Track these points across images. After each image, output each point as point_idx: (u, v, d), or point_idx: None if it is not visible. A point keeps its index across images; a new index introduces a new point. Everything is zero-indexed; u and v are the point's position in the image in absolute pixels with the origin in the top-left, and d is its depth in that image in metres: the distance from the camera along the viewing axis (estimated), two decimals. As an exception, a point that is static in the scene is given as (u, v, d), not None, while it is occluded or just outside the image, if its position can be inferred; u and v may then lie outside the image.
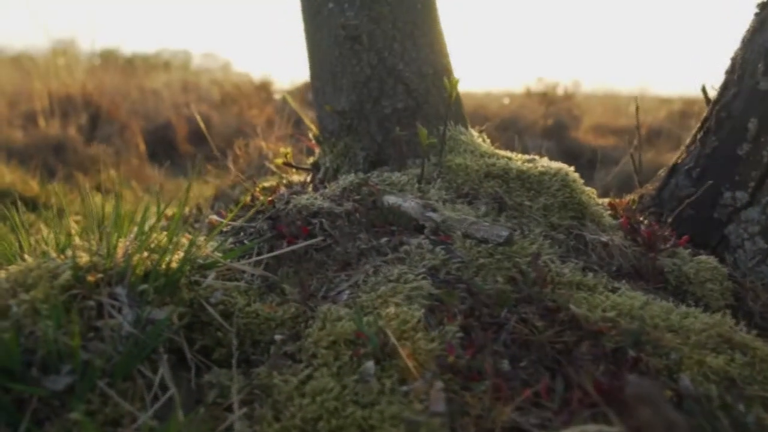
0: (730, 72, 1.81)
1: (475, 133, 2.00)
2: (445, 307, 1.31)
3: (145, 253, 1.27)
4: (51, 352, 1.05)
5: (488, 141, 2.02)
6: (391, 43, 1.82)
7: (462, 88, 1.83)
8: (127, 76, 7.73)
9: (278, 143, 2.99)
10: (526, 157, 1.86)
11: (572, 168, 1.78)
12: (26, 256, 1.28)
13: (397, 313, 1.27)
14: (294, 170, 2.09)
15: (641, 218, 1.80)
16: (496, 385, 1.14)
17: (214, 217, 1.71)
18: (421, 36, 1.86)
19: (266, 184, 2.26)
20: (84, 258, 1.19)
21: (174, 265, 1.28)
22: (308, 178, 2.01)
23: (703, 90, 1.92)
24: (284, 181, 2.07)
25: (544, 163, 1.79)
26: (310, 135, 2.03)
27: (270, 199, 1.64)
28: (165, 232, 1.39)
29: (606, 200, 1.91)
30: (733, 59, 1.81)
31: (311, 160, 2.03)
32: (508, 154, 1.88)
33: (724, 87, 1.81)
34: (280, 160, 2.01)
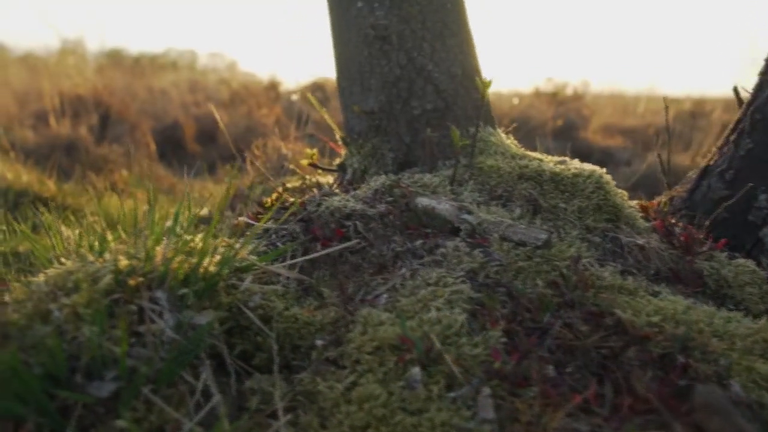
0: (764, 73, 1.79)
1: (502, 135, 1.97)
2: (486, 312, 1.29)
3: (182, 256, 1.25)
4: (95, 358, 1.03)
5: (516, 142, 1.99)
6: (421, 43, 1.80)
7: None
8: (134, 76, 7.72)
9: (296, 143, 2.97)
10: (557, 158, 1.84)
11: (604, 170, 1.75)
12: (62, 259, 1.26)
13: (439, 318, 1.25)
14: (319, 171, 2.07)
15: (673, 221, 1.77)
16: (544, 391, 1.12)
17: (243, 219, 1.69)
18: (451, 36, 1.84)
19: (289, 185, 2.24)
20: (123, 261, 1.17)
21: (212, 268, 1.26)
22: (335, 180, 1.99)
23: (735, 91, 1.90)
24: (311, 182, 2.05)
25: (576, 164, 1.77)
26: (337, 136, 2.01)
27: (301, 200, 1.62)
28: (199, 235, 1.37)
29: (634, 202, 1.89)
30: (768, 60, 1.79)
31: (337, 161, 2.01)
32: (539, 155, 1.86)
33: (758, 88, 1.79)
34: (305, 161, 1.99)
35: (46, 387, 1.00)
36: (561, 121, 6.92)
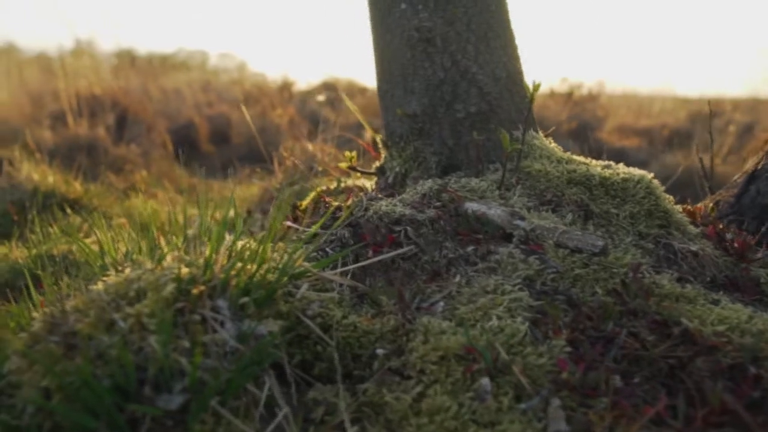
0: (814, 75, 1.76)
1: (544, 138, 1.95)
2: (548, 320, 1.27)
3: (239, 264, 1.23)
4: (163, 369, 1.01)
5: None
6: (465, 45, 1.77)
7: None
8: (146, 76, 7.71)
9: (324, 145, 2.95)
10: (602, 162, 1.81)
11: (651, 174, 1.73)
12: (119, 267, 1.24)
13: (501, 327, 1.22)
14: (357, 174, 2.05)
15: (720, 226, 1.75)
16: (615, 402, 1.09)
17: (287, 223, 1.67)
18: (495, 38, 1.81)
19: (324, 188, 2.22)
20: (184, 269, 1.15)
21: (270, 276, 1.24)
22: (376, 183, 1.96)
23: (782, 94, 1.87)
24: (348, 185, 2.02)
25: (623, 169, 1.75)
26: (377, 139, 1.99)
27: (348, 205, 1.60)
28: (252, 241, 1.35)
29: (679, 207, 1.86)
30: (818, 62, 1.76)
31: (376, 164, 1.99)
32: (584, 159, 1.83)
33: (809, 91, 1.76)
34: (344, 164, 1.97)
35: (115, 399, 0.98)
36: (575, 122, 6.88)
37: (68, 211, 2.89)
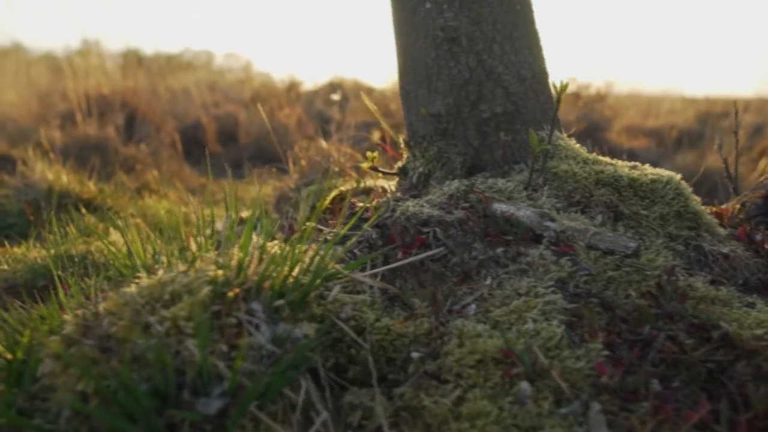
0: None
1: (568, 139, 1.93)
2: (583, 323, 1.25)
3: (272, 266, 1.22)
4: (201, 373, 0.99)
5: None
6: (491, 45, 1.76)
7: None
8: (154, 76, 7.71)
9: (340, 145, 2.94)
10: (629, 163, 1.79)
11: (679, 176, 1.71)
12: (150, 269, 1.23)
13: (537, 330, 1.21)
14: (379, 175, 2.03)
15: (748, 227, 1.73)
16: (657, 406, 1.08)
17: (312, 224, 1.65)
18: (520, 38, 1.79)
19: (343, 188, 2.20)
20: (218, 272, 1.14)
21: (304, 278, 1.22)
22: (395, 183, 1.95)
23: (810, 94, 1.85)
24: (368, 186, 2.01)
25: (651, 170, 1.73)
26: (399, 139, 1.97)
27: (375, 206, 1.58)
28: (282, 243, 1.33)
29: (706, 208, 1.84)
30: None
31: (398, 164, 1.97)
32: (610, 160, 1.81)
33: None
34: (366, 165, 1.95)
35: (153, 403, 0.96)
36: (584, 123, 6.85)
37: (83, 211, 2.88)
